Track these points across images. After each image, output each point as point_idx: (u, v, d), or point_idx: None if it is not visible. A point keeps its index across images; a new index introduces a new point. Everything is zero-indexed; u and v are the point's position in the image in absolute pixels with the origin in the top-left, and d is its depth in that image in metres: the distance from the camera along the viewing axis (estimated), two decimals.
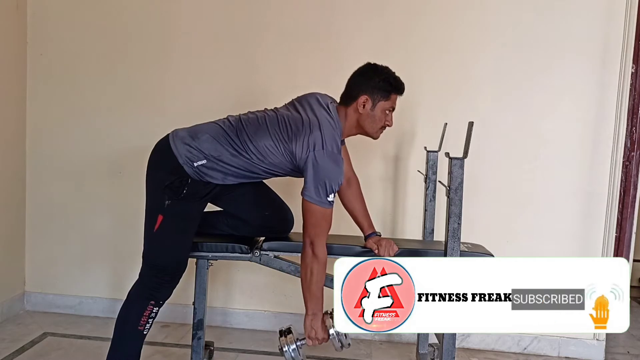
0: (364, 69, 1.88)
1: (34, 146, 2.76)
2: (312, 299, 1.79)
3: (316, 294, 1.79)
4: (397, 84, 1.87)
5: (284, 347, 1.82)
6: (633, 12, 2.40)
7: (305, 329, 1.82)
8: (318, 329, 1.81)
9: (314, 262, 1.76)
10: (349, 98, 1.86)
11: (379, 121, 1.86)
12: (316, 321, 1.80)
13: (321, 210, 1.74)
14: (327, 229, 1.78)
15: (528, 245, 2.52)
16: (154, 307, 1.82)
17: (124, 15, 2.66)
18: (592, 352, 2.53)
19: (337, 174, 1.74)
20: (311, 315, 1.80)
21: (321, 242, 1.77)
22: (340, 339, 1.81)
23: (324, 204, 1.73)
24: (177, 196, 1.78)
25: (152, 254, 1.83)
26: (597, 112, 2.45)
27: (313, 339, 1.82)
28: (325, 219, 1.76)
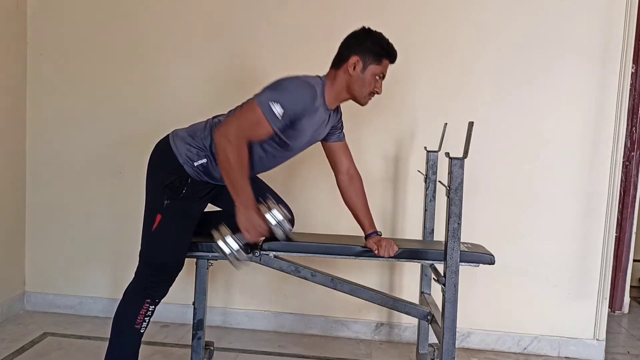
0: (358, 31, 1.87)
1: (34, 146, 2.76)
2: (237, 189, 1.69)
3: (239, 182, 1.68)
4: (389, 49, 1.86)
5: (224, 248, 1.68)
6: (633, 12, 2.40)
7: (240, 223, 1.70)
8: (254, 218, 1.70)
9: (227, 144, 1.66)
10: (340, 59, 1.85)
11: (368, 85, 1.84)
12: (249, 211, 1.70)
13: (259, 114, 1.66)
14: (249, 131, 1.68)
15: (528, 245, 2.52)
16: (150, 305, 1.82)
17: (124, 15, 2.66)
18: (592, 352, 2.53)
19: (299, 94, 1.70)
20: (242, 208, 1.70)
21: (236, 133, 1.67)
22: (282, 226, 1.71)
23: (265, 107, 1.66)
24: (177, 196, 1.78)
25: (150, 252, 1.83)
26: (597, 112, 2.45)
27: (252, 231, 1.70)
28: (257, 123, 1.67)
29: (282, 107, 1.68)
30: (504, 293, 2.56)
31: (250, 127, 1.69)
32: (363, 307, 2.62)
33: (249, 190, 1.71)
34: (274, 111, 1.67)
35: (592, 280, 2.51)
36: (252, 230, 1.71)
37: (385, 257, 1.91)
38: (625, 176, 3.04)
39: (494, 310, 2.58)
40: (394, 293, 2.58)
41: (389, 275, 2.63)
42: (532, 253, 2.53)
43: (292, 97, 1.71)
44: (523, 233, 2.53)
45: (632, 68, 2.46)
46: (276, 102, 1.67)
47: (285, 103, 1.69)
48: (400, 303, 2.05)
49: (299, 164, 2.53)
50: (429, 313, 2.02)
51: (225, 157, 1.67)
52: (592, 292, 2.52)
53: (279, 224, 1.71)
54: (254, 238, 1.73)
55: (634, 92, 2.99)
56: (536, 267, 2.53)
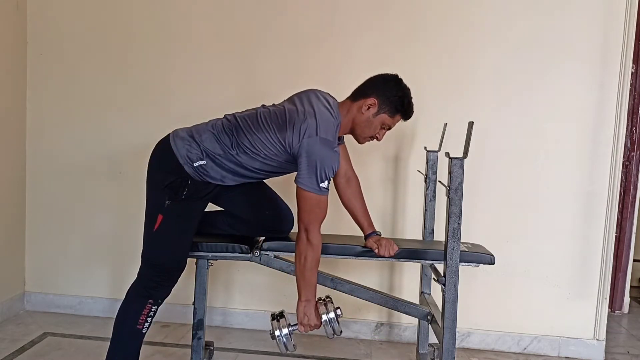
0: (390, 77, 1.88)
1: (34, 146, 2.76)
2: (305, 285, 1.79)
3: (310, 280, 1.79)
4: (408, 109, 1.88)
5: (276, 332, 1.81)
6: (633, 12, 2.40)
7: (298, 314, 1.82)
8: (311, 315, 1.81)
9: (309, 248, 1.76)
10: (360, 94, 1.86)
11: (372, 130, 1.86)
12: (309, 307, 1.81)
13: (315, 197, 1.72)
14: (321, 216, 1.77)
15: (528, 245, 2.52)
16: (153, 305, 1.82)
17: (124, 15, 2.66)
18: (592, 352, 2.53)
19: (331, 161, 1.73)
20: (304, 302, 1.81)
21: (315, 229, 1.76)
22: (332, 325, 1.82)
23: (318, 191, 1.72)
24: (178, 196, 1.78)
25: (152, 253, 1.83)
26: (597, 112, 2.45)
27: (305, 325, 1.82)
28: (320, 206, 1.75)
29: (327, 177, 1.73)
30: (504, 293, 2.56)
31: (320, 212, 1.76)
32: (363, 307, 2.62)
33: (315, 287, 1.82)
34: (324, 187, 1.74)
35: (592, 280, 2.51)
36: (306, 324, 1.82)
37: (385, 257, 1.91)
38: (625, 176, 3.04)
39: (494, 310, 2.58)
40: (394, 293, 2.58)
41: (389, 275, 2.63)
42: (532, 253, 2.53)
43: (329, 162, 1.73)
44: (523, 233, 2.53)
45: (632, 68, 2.46)
46: (324, 179, 1.73)
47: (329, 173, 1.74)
48: (400, 303, 2.05)
49: None
50: (429, 313, 2.02)
51: (304, 256, 1.78)
52: (592, 292, 2.52)
53: (330, 322, 1.81)
54: (306, 330, 1.83)
55: (634, 92, 2.99)
56: (536, 267, 2.53)
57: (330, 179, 1.75)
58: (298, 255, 1.79)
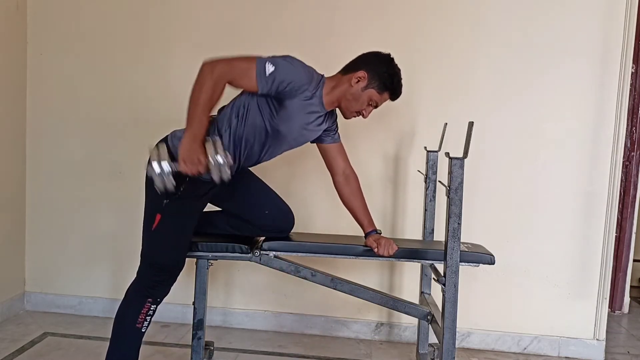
0: (381, 54, 1.88)
1: (34, 146, 2.76)
2: (194, 118, 1.65)
3: (201, 114, 1.65)
4: (397, 87, 1.88)
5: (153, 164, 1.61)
6: (633, 12, 2.40)
7: (181, 150, 1.64)
8: (196, 150, 1.62)
9: (208, 78, 1.65)
10: (350, 68, 1.87)
11: (359, 104, 1.86)
12: (195, 143, 1.63)
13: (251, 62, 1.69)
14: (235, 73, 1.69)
15: (528, 245, 2.52)
16: (152, 304, 1.82)
17: (124, 15, 2.66)
18: (592, 352, 2.53)
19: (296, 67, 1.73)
20: (190, 137, 1.64)
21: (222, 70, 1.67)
22: (220, 169, 1.63)
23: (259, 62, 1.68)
24: (175, 195, 1.78)
25: (151, 252, 1.83)
26: (597, 112, 2.45)
27: (188, 162, 1.63)
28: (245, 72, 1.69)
29: (275, 67, 1.69)
30: (504, 293, 2.56)
31: (237, 73, 1.69)
32: (363, 307, 2.62)
33: (204, 124, 1.68)
34: (266, 69, 1.68)
35: (592, 280, 2.51)
36: (189, 162, 1.63)
37: (385, 256, 1.91)
38: (625, 176, 3.04)
39: (494, 310, 2.58)
40: (394, 293, 2.58)
41: (389, 275, 2.63)
42: (532, 253, 2.53)
43: (289, 67, 1.72)
44: (523, 233, 2.53)
45: (632, 68, 2.46)
46: (272, 63, 1.69)
47: (279, 67, 1.70)
48: (400, 303, 2.05)
49: (299, 164, 2.53)
50: (429, 313, 2.02)
51: (200, 86, 1.66)
52: (592, 292, 2.52)
53: (219, 166, 1.62)
54: (189, 170, 1.64)
55: (634, 92, 2.99)
56: (536, 267, 2.53)
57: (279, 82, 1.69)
58: (195, 86, 1.66)
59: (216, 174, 1.63)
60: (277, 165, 2.31)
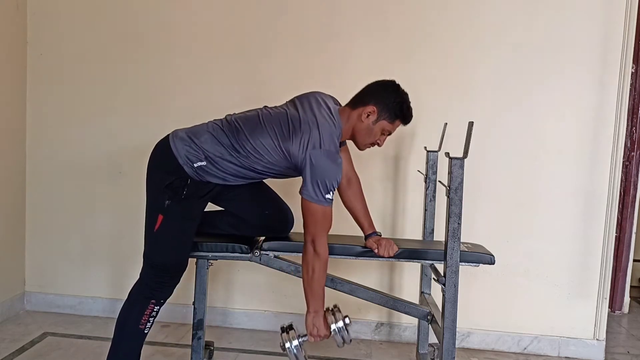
0: (387, 83, 1.88)
1: (34, 146, 2.76)
2: (313, 296, 1.80)
3: (318, 291, 1.80)
4: (407, 114, 1.89)
5: (286, 344, 1.81)
6: (633, 12, 2.40)
7: (307, 326, 1.83)
8: (320, 325, 1.82)
9: (316, 260, 1.77)
10: (359, 102, 1.86)
11: (373, 137, 1.87)
12: (318, 318, 1.81)
13: (321, 209, 1.74)
14: (327, 227, 1.79)
15: (528, 245, 2.52)
16: (155, 306, 1.83)
17: (124, 15, 2.66)
18: (592, 352, 2.53)
19: (334, 173, 1.74)
20: (313, 313, 1.81)
21: (322, 240, 1.77)
22: (342, 335, 1.82)
23: (323, 202, 1.73)
24: (178, 196, 1.78)
25: (153, 253, 1.83)
26: (597, 112, 2.45)
27: (315, 335, 1.83)
28: (325, 217, 1.76)
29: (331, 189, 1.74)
30: (504, 293, 2.56)
31: (324, 224, 1.78)
32: (363, 307, 2.62)
33: (323, 299, 1.82)
34: (329, 198, 1.74)
35: (592, 280, 2.51)
36: (315, 335, 1.83)
37: (385, 257, 1.91)
38: (625, 176, 3.04)
39: (494, 310, 2.58)
40: (394, 293, 2.58)
41: (389, 275, 2.63)
42: (532, 253, 2.53)
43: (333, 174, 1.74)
44: (523, 233, 2.53)
45: (632, 68, 2.46)
46: (328, 191, 1.74)
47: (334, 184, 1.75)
48: (400, 303, 2.05)
49: None
50: (429, 313, 2.02)
51: (312, 268, 1.78)
52: (592, 292, 2.52)
53: (340, 331, 1.82)
54: (316, 341, 1.84)
55: (634, 92, 2.99)
56: (536, 267, 2.53)
57: (334, 190, 1.76)
58: (305, 267, 1.80)
59: (339, 339, 1.84)
60: None
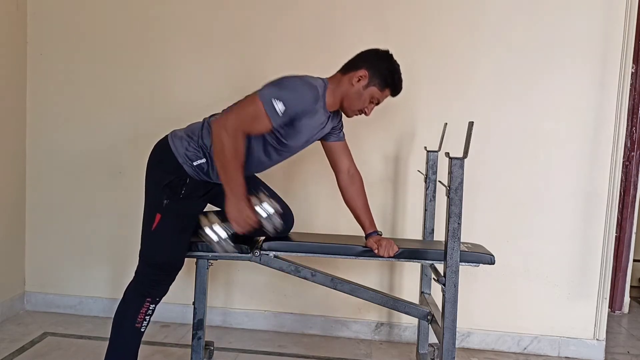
0: (380, 51, 1.88)
1: (34, 146, 2.76)
2: (229, 179, 1.67)
3: (233, 173, 1.67)
4: (398, 83, 1.88)
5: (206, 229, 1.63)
6: (633, 12, 2.40)
7: (229, 213, 1.66)
8: (244, 209, 1.65)
9: (223, 134, 1.65)
10: (350, 67, 1.86)
11: (362, 103, 1.86)
12: (240, 202, 1.65)
13: (258, 105, 1.67)
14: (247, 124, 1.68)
15: (528, 245, 2.52)
16: (151, 304, 1.82)
17: (124, 15, 2.66)
18: (592, 352, 2.53)
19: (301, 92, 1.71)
20: (233, 198, 1.66)
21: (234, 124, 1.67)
22: (272, 219, 1.67)
23: (267, 104, 1.66)
24: (177, 195, 1.78)
25: (150, 252, 1.83)
26: (597, 112, 2.45)
27: (241, 222, 1.65)
28: (255, 117, 1.67)
29: (284, 104, 1.68)
30: (504, 293, 2.56)
31: (249, 121, 1.69)
32: (363, 307, 2.62)
33: (241, 181, 1.69)
34: (275, 108, 1.68)
35: (592, 280, 2.51)
36: (240, 221, 1.66)
37: (385, 257, 1.91)
38: (625, 176, 3.04)
39: (494, 310, 2.58)
40: (394, 293, 2.58)
41: (389, 275, 2.63)
42: (532, 253, 2.53)
43: (295, 96, 1.71)
44: (523, 233, 2.53)
45: (632, 68, 2.46)
46: (279, 99, 1.68)
47: (288, 101, 1.69)
48: (400, 303, 2.05)
49: (299, 164, 2.53)
50: (429, 313, 2.02)
51: (220, 147, 1.67)
52: (592, 292, 2.52)
53: (269, 217, 1.67)
54: (243, 229, 1.67)
55: (634, 92, 2.99)
56: (536, 267, 2.53)
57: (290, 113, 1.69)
58: (215, 149, 1.68)
59: (269, 225, 1.69)
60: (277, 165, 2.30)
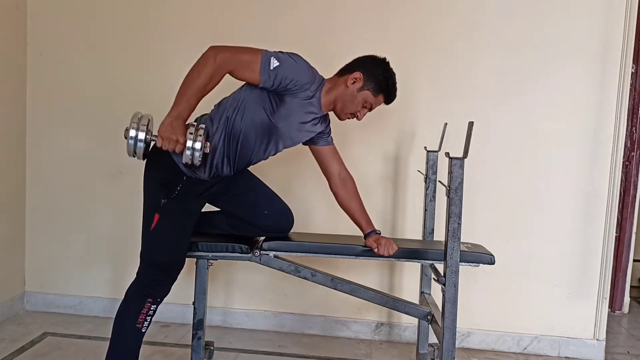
0: (377, 57, 1.89)
1: (34, 146, 2.76)
2: (183, 99, 1.64)
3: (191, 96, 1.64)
4: (392, 90, 1.90)
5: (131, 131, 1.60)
6: (633, 12, 2.40)
7: (162, 125, 1.62)
8: (178, 129, 1.61)
9: (210, 62, 1.65)
10: (346, 70, 1.88)
11: (355, 106, 1.86)
12: (177, 121, 1.62)
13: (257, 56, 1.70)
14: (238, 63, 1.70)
15: (528, 245, 2.53)
16: (152, 304, 1.82)
17: (124, 15, 2.66)
18: (592, 352, 2.53)
19: (301, 66, 1.75)
20: (174, 114, 1.63)
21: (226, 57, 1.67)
22: (194, 154, 1.61)
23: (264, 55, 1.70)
24: (172, 194, 1.78)
25: (150, 252, 1.83)
26: (597, 112, 2.45)
27: (166, 137, 1.61)
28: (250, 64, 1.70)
29: (279, 64, 1.70)
30: (504, 293, 2.56)
31: (241, 63, 1.70)
32: (363, 307, 2.62)
33: (191, 108, 1.66)
34: (270, 63, 1.70)
35: (592, 280, 2.51)
36: (167, 139, 1.62)
37: (385, 256, 1.91)
38: (625, 176, 3.04)
39: (494, 310, 2.58)
40: (394, 293, 2.58)
41: (389, 275, 2.63)
42: (532, 253, 2.53)
43: (293, 65, 1.74)
44: (523, 233, 2.53)
45: (632, 68, 2.46)
46: (277, 58, 1.71)
47: (284, 64, 1.72)
48: (400, 303, 2.05)
49: (299, 164, 2.53)
50: (429, 313, 2.02)
51: (199, 69, 1.65)
52: (592, 292, 2.52)
53: (193, 150, 1.61)
54: (164, 147, 1.63)
55: (634, 92, 2.99)
56: (536, 267, 2.53)
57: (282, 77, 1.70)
58: (194, 67, 1.65)
59: (187, 156, 1.62)
60: (276, 164, 2.31)
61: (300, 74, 1.76)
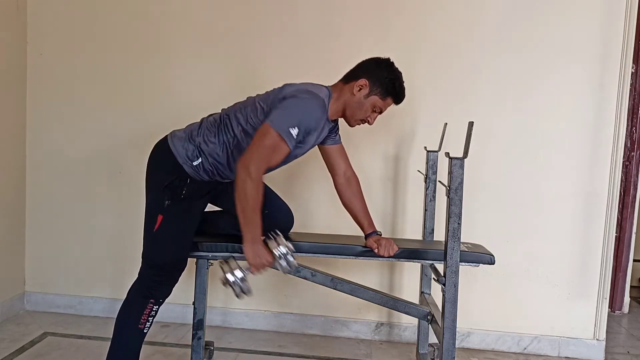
0: (381, 60, 1.88)
1: (34, 146, 2.76)
2: (248, 223, 1.68)
3: (252, 218, 1.67)
4: (400, 91, 1.88)
5: (228, 276, 1.69)
6: (633, 12, 2.40)
7: (247, 256, 1.70)
8: (262, 252, 1.70)
9: (248, 182, 1.64)
10: (351, 76, 1.87)
11: (363, 112, 1.86)
12: (257, 245, 1.70)
13: (275, 136, 1.65)
14: (268, 161, 1.68)
15: (528, 245, 2.52)
16: (154, 305, 1.82)
17: (124, 15, 2.65)
18: (592, 352, 2.53)
19: (311, 110, 1.72)
20: (250, 241, 1.69)
21: (258, 166, 1.65)
22: (287, 259, 1.72)
23: (284, 132, 1.66)
24: (178, 196, 1.78)
25: (152, 253, 1.83)
26: (597, 112, 2.45)
27: (257, 265, 1.70)
28: (275, 149, 1.67)
29: (297, 127, 1.69)
30: (504, 293, 2.56)
31: (270, 155, 1.68)
32: (363, 307, 2.62)
33: (259, 225, 1.69)
34: (291, 134, 1.68)
35: (592, 280, 2.51)
36: (258, 264, 1.71)
37: (385, 257, 1.91)
38: (625, 176, 3.04)
39: (494, 310, 2.58)
40: (394, 293, 2.58)
41: (389, 275, 2.63)
42: (532, 253, 2.53)
43: (307, 117, 1.72)
44: (523, 233, 2.53)
45: (632, 68, 2.46)
46: (291, 124, 1.68)
47: (301, 125, 1.70)
48: (400, 303, 2.05)
49: (299, 165, 2.53)
50: (429, 313, 2.02)
51: (243, 191, 1.65)
52: (592, 292, 2.52)
53: (284, 257, 1.73)
54: (259, 271, 1.73)
55: (634, 92, 2.99)
56: (536, 267, 2.53)
57: (300, 131, 1.69)
58: (237, 190, 1.66)
59: (284, 265, 1.74)
60: None
61: (316, 119, 1.75)
